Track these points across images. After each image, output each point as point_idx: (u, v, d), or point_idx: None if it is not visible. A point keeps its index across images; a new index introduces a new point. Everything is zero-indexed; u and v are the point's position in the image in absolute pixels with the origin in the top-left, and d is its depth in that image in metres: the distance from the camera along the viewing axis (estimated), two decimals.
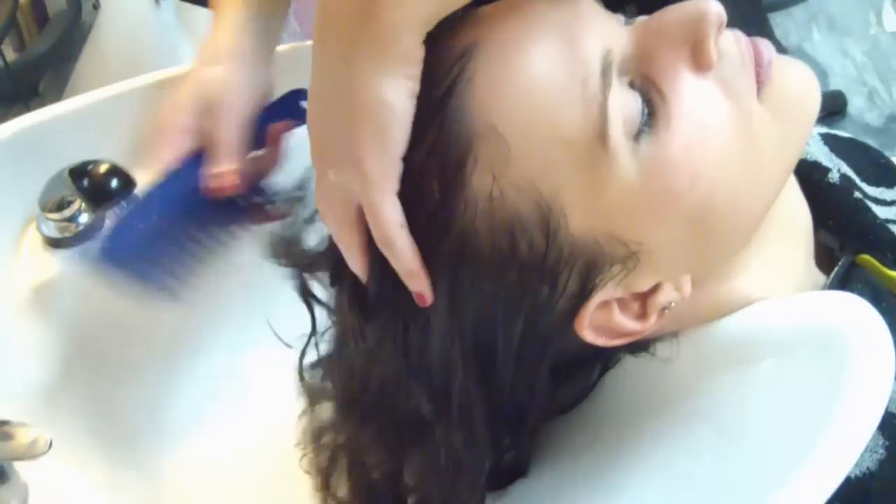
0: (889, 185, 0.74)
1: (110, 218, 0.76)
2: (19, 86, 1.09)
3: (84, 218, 0.81)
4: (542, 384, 0.61)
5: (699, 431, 0.57)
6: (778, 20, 2.58)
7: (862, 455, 0.51)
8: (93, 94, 0.86)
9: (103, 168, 0.71)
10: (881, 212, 0.69)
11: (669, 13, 0.53)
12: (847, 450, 0.49)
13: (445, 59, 0.51)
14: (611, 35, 0.53)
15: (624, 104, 0.51)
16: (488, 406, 0.60)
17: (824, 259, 0.66)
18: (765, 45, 0.56)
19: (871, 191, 0.72)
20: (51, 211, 0.79)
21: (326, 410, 0.73)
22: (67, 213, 0.80)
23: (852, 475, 0.52)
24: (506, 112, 0.50)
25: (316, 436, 0.74)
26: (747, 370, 0.56)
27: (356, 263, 0.56)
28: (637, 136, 0.51)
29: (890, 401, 0.51)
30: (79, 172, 0.71)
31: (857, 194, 0.68)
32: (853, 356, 0.51)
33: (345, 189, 0.53)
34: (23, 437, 0.59)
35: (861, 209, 0.67)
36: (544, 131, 0.50)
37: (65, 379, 0.77)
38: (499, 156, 0.50)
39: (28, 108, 0.85)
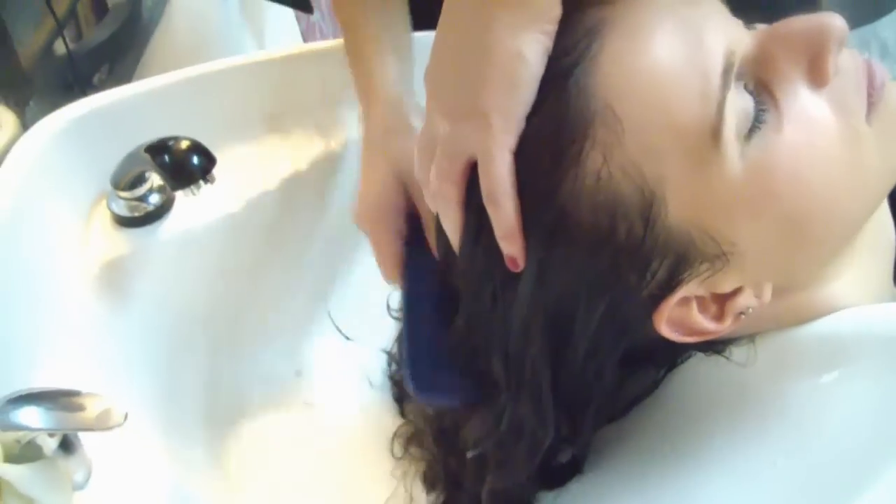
0: None
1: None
2: (77, 76, 1.09)
3: (155, 198, 0.82)
4: (610, 372, 0.62)
5: (775, 436, 0.56)
6: None
7: None
8: (167, 76, 0.87)
9: (184, 145, 0.71)
10: None
11: (794, 24, 0.54)
12: None
13: (573, 32, 0.52)
14: (734, 37, 0.53)
15: (739, 105, 0.51)
16: (555, 384, 0.60)
17: None
18: (879, 67, 0.56)
19: None
20: (123, 189, 0.79)
21: None
22: (139, 192, 0.80)
23: None
24: (626, 94, 0.51)
25: None
26: (830, 376, 0.55)
27: (452, 220, 0.57)
28: (746, 138, 0.52)
29: None
30: (159, 149, 0.71)
31: None
32: None
33: (460, 141, 0.53)
34: (93, 407, 0.59)
35: None
36: (660, 118, 0.50)
37: (128, 356, 0.78)
38: (612, 137, 0.51)
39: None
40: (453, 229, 0.57)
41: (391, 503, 0.76)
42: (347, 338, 0.89)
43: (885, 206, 0.62)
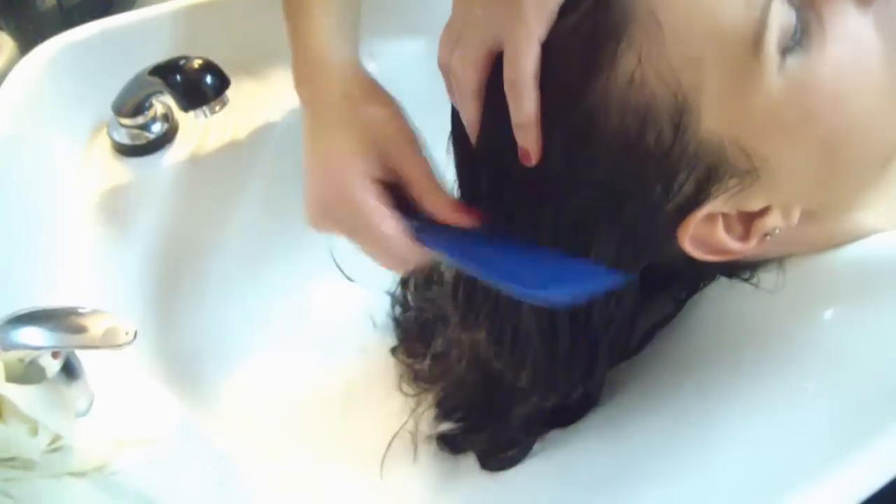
0: None
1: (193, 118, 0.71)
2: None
3: (157, 127, 0.80)
4: (630, 295, 0.61)
5: (805, 364, 0.55)
6: None
7: None
8: (171, 3, 0.84)
9: (197, 63, 0.68)
10: None
11: None
12: None
13: None
14: None
15: (783, 18, 0.49)
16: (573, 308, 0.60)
17: None
18: None
19: None
20: (126, 116, 0.77)
21: None
22: (141, 119, 0.78)
23: None
24: None
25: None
26: (859, 302, 0.54)
27: (469, 108, 0.55)
28: (787, 52, 0.50)
29: None
30: (169, 69, 0.68)
31: None
32: None
33: (488, 27, 0.52)
34: (99, 325, 0.57)
35: None
36: (702, 23, 0.49)
37: (128, 285, 0.76)
38: (650, 40, 0.49)
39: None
40: (471, 119, 0.56)
41: (397, 440, 0.75)
42: (350, 279, 0.87)
43: None
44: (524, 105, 0.51)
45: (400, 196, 0.62)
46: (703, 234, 0.56)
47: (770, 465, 0.51)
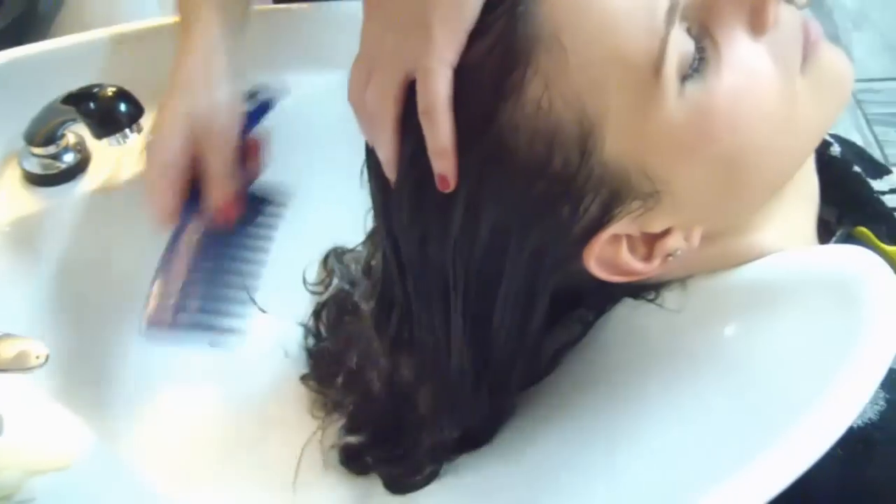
0: (874, 177, 0.77)
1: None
2: None
3: (69, 157, 0.79)
4: (539, 315, 0.62)
5: (708, 380, 0.57)
6: None
7: (864, 407, 0.51)
8: (80, 35, 0.84)
9: (111, 91, 0.69)
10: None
11: None
12: (855, 396, 0.49)
13: None
14: None
15: (681, 46, 0.52)
16: (480, 333, 0.61)
17: (820, 231, 0.67)
18: (814, 23, 0.58)
19: None
20: (38, 145, 0.77)
21: None
22: (53, 149, 0.78)
23: (855, 425, 0.53)
24: (573, 23, 0.51)
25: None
26: (758, 317, 0.57)
27: (386, 139, 0.56)
28: (686, 79, 0.53)
29: None
30: (83, 97, 0.69)
31: (857, 168, 0.70)
32: (867, 306, 0.52)
33: (400, 56, 0.53)
34: (10, 348, 0.57)
35: (860, 182, 0.70)
36: (605, 49, 0.51)
37: (37, 317, 0.75)
38: (556, 66, 0.51)
39: None
40: (387, 153, 0.56)
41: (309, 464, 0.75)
42: (262, 310, 0.87)
43: (811, 159, 0.64)
44: (440, 132, 0.52)
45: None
46: (608, 256, 0.58)
47: (675, 474, 0.53)
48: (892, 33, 2.77)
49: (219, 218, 0.75)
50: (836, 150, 0.71)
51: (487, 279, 0.58)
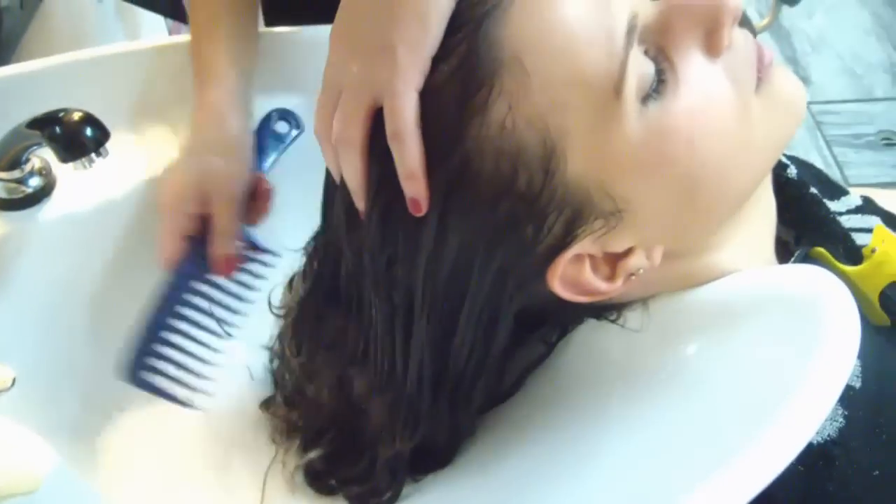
0: (831, 198, 0.78)
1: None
2: None
3: (35, 181, 0.79)
4: (503, 336, 0.63)
5: (669, 398, 0.58)
6: None
7: (822, 424, 0.52)
8: (43, 61, 0.84)
9: (77, 116, 0.69)
10: None
11: None
12: (814, 413, 0.50)
13: None
14: (637, 2, 0.56)
15: (640, 67, 0.54)
16: (443, 355, 0.62)
17: (778, 251, 0.68)
18: (767, 48, 0.60)
19: None
20: (3, 169, 0.77)
21: None
22: (18, 173, 0.77)
23: (814, 441, 0.54)
24: (535, 46, 0.52)
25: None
26: (719, 336, 0.58)
27: (354, 166, 0.56)
28: (645, 100, 0.54)
29: None
30: (48, 121, 0.69)
31: (814, 190, 0.71)
32: (825, 325, 0.53)
33: (366, 81, 0.54)
34: None
35: (817, 203, 0.71)
36: (566, 71, 0.53)
37: (3, 340, 0.74)
38: (519, 87, 0.52)
39: None
40: (355, 180, 0.57)
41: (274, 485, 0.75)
42: (228, 334, 0.88)
43: (768, 179, 0.65)
44: (409, 156, 0.53)
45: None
46: (571, 275, 0.59)
47: (639, 491, 0.54)
48: (850, 57, 2.82)
49: (217, 270, 0.81)
50: (792, 171, 0.72)
51: (452, 298, 0.59)
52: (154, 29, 1.41)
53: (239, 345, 0.87)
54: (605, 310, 0.64)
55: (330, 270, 0.65)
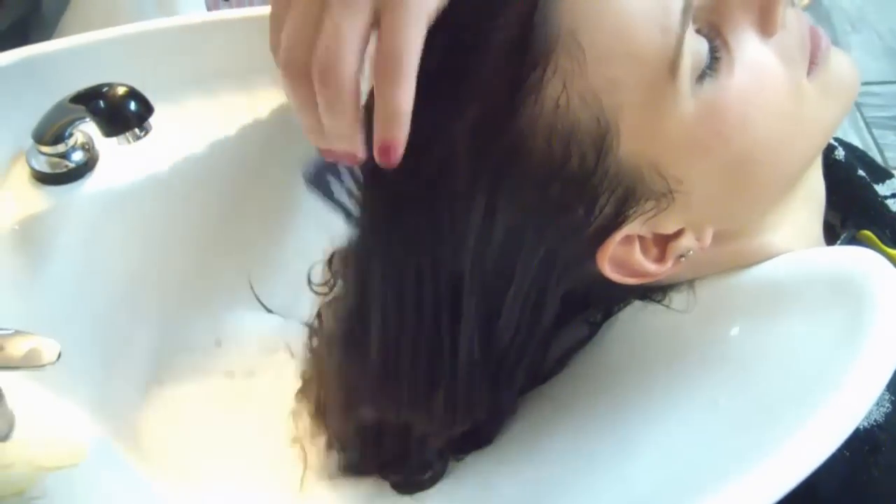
0: (876, 181, 0.77)
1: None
2: None
3: (78, 155, 0.79)
4: (549, 316, 0.62)
5: (717, 379, 0.57)
6: None
7: (869, 409, 0.52)
8: (86, 36, 0.84)
9: (121, 90, 0.69)
10: None
11: None
12: (862, 398, 0.50)
13: None
14: None
15: (695, 45, 0.53)
16: (489, 334, 0.61)
17: (825, 234, 0.68)
18: (823, 33, 0.59)
19: None
20: (46, 143, 0.77)
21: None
22: (62, 148, 0.78)
23: (861, 427, 0.54)
24: (590, 21, 0.51)
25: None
26: (769, 317, 0.57)
27: (347, 106, 0.49)
28: (700, 78, 0.54)
29: None
30: (92, 95, 0.69)
31: (861, 171, 0.70)
32: (874, 307, 0.53)
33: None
34: (21, 346, 0.57)
35: (864, 186, 0.70)
36: (622, 46, 0.52)
37: (47, 315, 0.75)
38: (574, 65, 0.51)
39: None
40: (344, 123, 0.50)
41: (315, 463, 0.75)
42: (269, 310, 0.88)
43: (818, 162, 0.65)
44: (401, 91, 0.47)
45: None
46: (621, 257, 0.58)
47: (685, 475, 0.53)
48: (891, 36, 2.78)
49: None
50: (840, 154, 0.71)
51: (500, 278, 0.58)
52: (192, 5, 1.40)
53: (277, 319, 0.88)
54: (652, 291, 0.63)
55: (360, 283, 0.62)
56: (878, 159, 2.32)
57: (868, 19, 2.84)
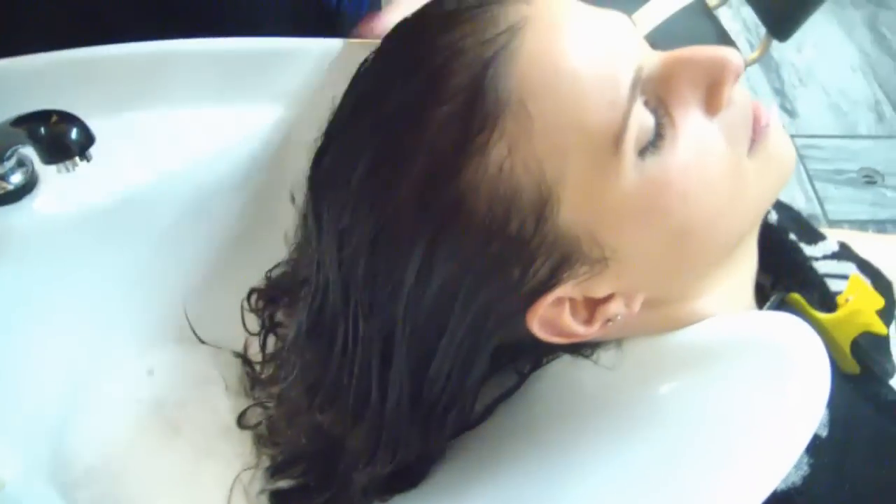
0: (808, 242, 0.79)
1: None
2: None
3: (17, 178, 0.78)
4: (479, 369, 0.63)
5: (640, 435, 0.58)
6: None
7: (788, 471, 0.53)
8: (35, 58, 0.83)
9: (63, 118, 0.68)
10: None
11: (698, 52, 0.57)
12: (781, 460, 0.51)
13: (496, 25, 0.54)
14: (642, 53, 0.57)
15: (641, 119, 0.54)
16: (419, 383, 0.62)
17: (756, 296, 0.69)
18: (765, 108, 0.61)
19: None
20: None
21: None
22: (0, 169, 0.77)
23: (778, 488, 0.54)
24: (540, 90, 0.52)
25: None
26: (691, 379, 0.58)
27: None
28: (643, 153, 0.55)
29: None
30: (33, 120, 0.68)
31: (792, 236, 0.72)
32: (796, 375, 0.54)
33: None
34: None
35: (795, 250, 0.71)
36: (569, 119, 0.53)
37: None
38: (521, 131, 0.52)
39: None
40: None
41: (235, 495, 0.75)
42: (202, 340, 0.88)
43: (754, 231, 0.66)
44: None
45: None
46: (550, 317, 0.59)
47: None
48: (837, 93, 2.85)
49: None
50: (773, 217, 0.73)
51: (432, 329, 0.59)
52: None
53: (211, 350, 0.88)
54: (580, 347, 0.64)
55: (318, 304, 0.64)
56: (818, 211, 2.38)
57: (816, 75, 2.91)
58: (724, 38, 1.98)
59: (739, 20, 3.06)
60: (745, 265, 0.66)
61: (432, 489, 0.70)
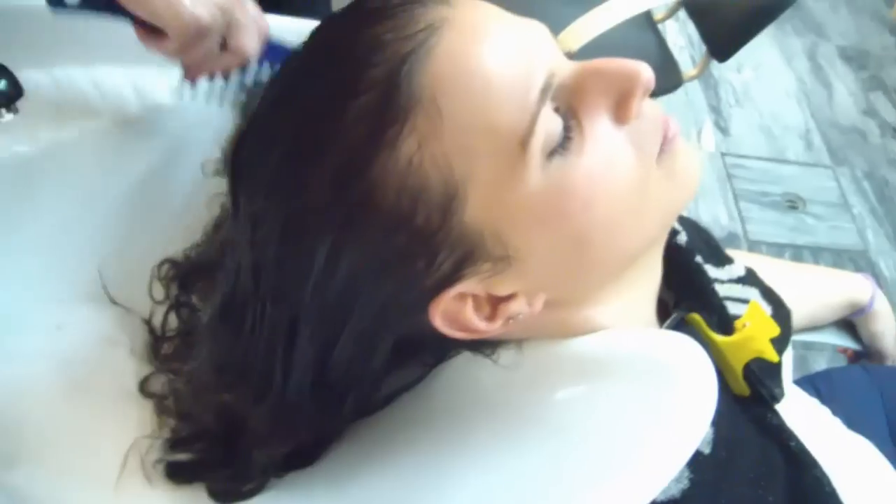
0: (716, 265, 0.82)
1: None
2: None
3: None
4: (380, 359, 0.64)
5: (528, 436, 0.60)
6: None
7: (668, 484, 0.55)
8: None
9: None
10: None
11: (610, 63, 0.59)
12: (661, 471, 0.53)
13: (415, 24, 0.55)
14: (556, 61, 0.59)
15: (549, 124, 0.56)
16: (322, 366, 0.63)
17: (659, 311, 0.71)
18: (674, 122, 0.63)
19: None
20: None
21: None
22: None
23: (658, 500, 0.57)
24: (452, 89, 0.54)
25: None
26: (585, 387, 0.60)
27: None
28: (550, 155, 0.56)
29: None
30: None
31: (698, 258, 0.74)
32: (682, 393, 0.57)
33: None
34: None
35: (699, 272, 0.74)
36: (478, 119, 0.54)
37: None
38: (431, 128, 0.54)
39: None
40: None
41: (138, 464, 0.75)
42: (114, 301, 0.87)
43: (659, 246, 0.68)
44: None
45: None
46: (453, 312, 0.60)
47: None
48: (770, 116, 2.91)
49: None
50: (682, 238, 0.75)
51: (337, 316, 0.60)
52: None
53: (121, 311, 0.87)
54: (481, 345, 0.66)
55: (231, 285, 0.65)
56: (740, 230, 2.43)
57: (752, 97, 2.98)
58: (663, 52, 2.01)
59: (685, 35, 3.12)
60: (648, 280, 0.68)
61: (328, 468, 0.71)
